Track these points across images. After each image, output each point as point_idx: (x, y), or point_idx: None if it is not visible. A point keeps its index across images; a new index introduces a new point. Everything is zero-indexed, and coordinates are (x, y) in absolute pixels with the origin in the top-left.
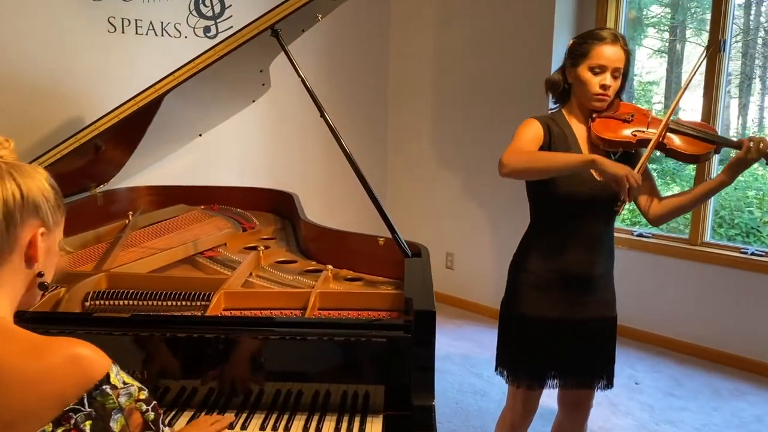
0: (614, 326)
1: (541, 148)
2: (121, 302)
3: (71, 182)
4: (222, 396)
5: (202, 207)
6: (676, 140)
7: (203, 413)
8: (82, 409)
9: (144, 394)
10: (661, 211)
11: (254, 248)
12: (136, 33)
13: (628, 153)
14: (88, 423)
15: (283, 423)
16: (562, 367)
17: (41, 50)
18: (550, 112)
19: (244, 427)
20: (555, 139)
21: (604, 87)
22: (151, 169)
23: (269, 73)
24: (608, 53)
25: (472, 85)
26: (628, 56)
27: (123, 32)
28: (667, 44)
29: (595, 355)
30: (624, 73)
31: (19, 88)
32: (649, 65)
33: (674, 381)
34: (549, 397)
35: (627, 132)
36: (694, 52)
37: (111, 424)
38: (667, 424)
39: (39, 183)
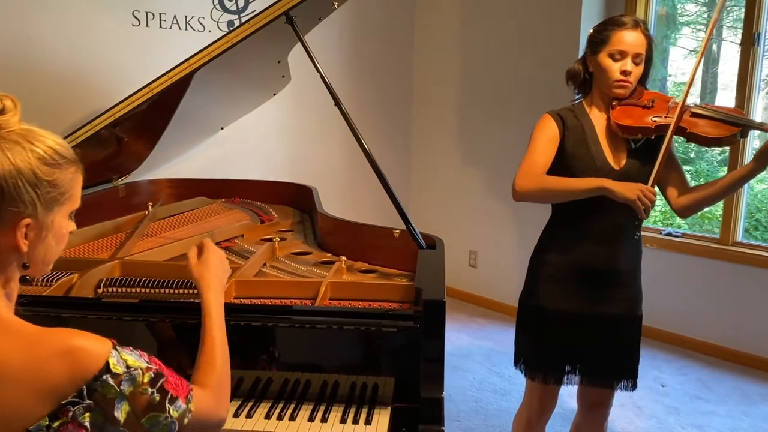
0: (638, 326)
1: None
2: (134, 289)
3: (94, 174)
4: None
5: (223, 200)
6: (697, 124)
7: None
8: (81, 401)
9: (149, 376)
10: (688, 202)
11: (270, 240)
12: (160, 27)
13: (649, 140)
14: (87, 415)
15: (289, 412)
16: (581, 364)
17: (65, 43)
18: (571, 103)
19: (249, 415)
20: (570, 131)
21: (625, 73)
22: (174, 163)
23: (288, 65)
24: (628, 38)
25: (498, 81)
26: (651, 42)
27: (147, 26)
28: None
29: (615, 354)
30: (647, 60)
31: (43, 81)
32: (684, 66)
33: (702, 384)
34: (570, 397)
35: (646, 118)
36: (730, 51)
37: (115, 414)
38: (693, 428)
39: (27, 166)
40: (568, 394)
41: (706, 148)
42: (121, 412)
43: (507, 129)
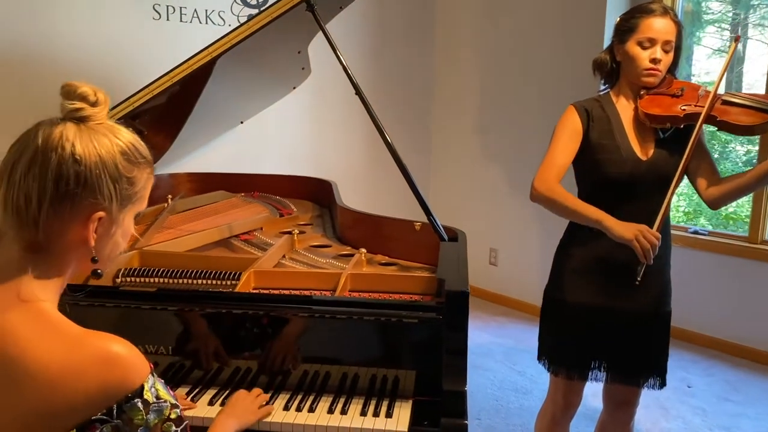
0: (667, 322)
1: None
2: (152, 279)
3: None
4: (247, 375)
5: (242, 194)
6: (728, 112)
7: (227, 392)
8: (110, 419)
9: (175, 413)
10: (719, 192)
11: (290, 233)
12: (181, 20)
13: (678, 130)
14: None
15: (308, 404)
16: (606, 360)
17: (86, 36)
18: (598, 93)
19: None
20: (595, 122)
21: (654, 61)
22: (194, 157)
23: (308, 56)
24: (658, 25)
25: (520, 76)
26: (680, 29)
27: (168, 19)
28: (727, 43)
29: (643, 350)
30: (676, 48)
31: (63, 74)
32: (708, 65)
33: (730, 385)
34: (594, 396)
35: (675, 107)
36: (756, 51)
37: None
38: (721, 430)
39: (111, 161)
40: (592, 394)
41: (730, 148)
42: None
43: (529, 124)
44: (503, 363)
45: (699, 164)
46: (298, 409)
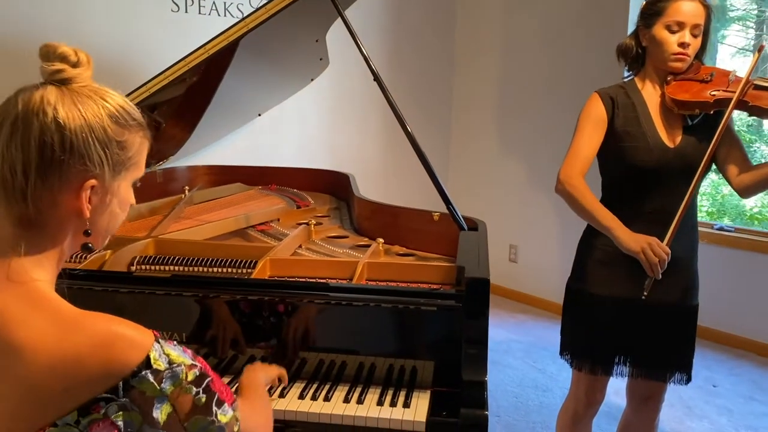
0: (694, 316)
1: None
2: (168, 267)
3: None
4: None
5: (260, 187)
6: (761, 96)
7: None
8: (115, 398)
9: (194, 374)
10: (751, 180)
11: (306, 224)
12: (199, 13)
13: (707, 116)
14: (120, 414)
15: (323, 393)
16: (631, 355)
17: (104, 28)
18: (623, 80)
19: (282, 395)
20: (620, 110)
21: (683, 45)
22: (212, 149)
23: (326, 46)
24: (686, 8)
25: (541, 69)
26: (709, 13)
27: (186, 12)
28: (752, 41)
29: (669, 344)
30: (705, 32)
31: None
32: (732, 64)
33: (756, 385)
34: (616, 395)
35: (705, 92)
36: None
37: (154, 414)
38: (748, 430)
39: (99, 123)
40: (614, 392)
41: (755, 148)
42: (161, 413)
43: (550, 115)
44: (523, 360)
45: (729, 151)
46: (314, 398)
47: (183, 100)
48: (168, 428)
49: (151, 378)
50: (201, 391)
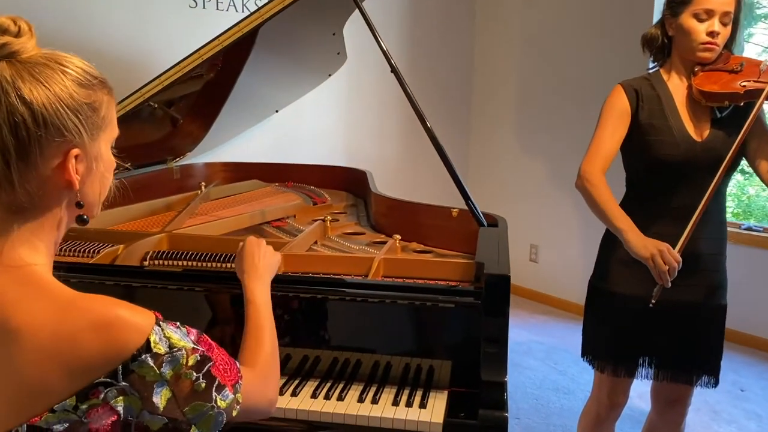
0: (722, 316)
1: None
2: (181, 263)
3: (149, 154)
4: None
5: (276, 184)
6: None
7: None
8: (114, 382)
9: (194, 359)
10: None
11: (322, 221)
12: (217, 9)
13: (737, 108)
14: (120, 399)
15: (337, 392)
16: (656, 356)
17: (122, 24)
18: (647, 71)
19: (294, 393)
20: (645, 102)
21: (712, 34)
22: (229, 146)
23: (344, 40)
24: None
25: (562, 63)
26: (739, 1)
27: (204, 7)
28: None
29: (696, 346)
30: (735, 21)
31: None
32: None
33: None
34: (640, 398)
35: (734, 83)
36: None
37: (154, 399)
38: None
39: (64, 91)
40: (638, 396)
41: None
42: (160, 398)
43: (573, 112)
44: (544, 362)
45: (759, 144)
46: (327, 397)
47: (200, 96)
48: (167, 413)
49: (151, 362)
50: (201, 377)
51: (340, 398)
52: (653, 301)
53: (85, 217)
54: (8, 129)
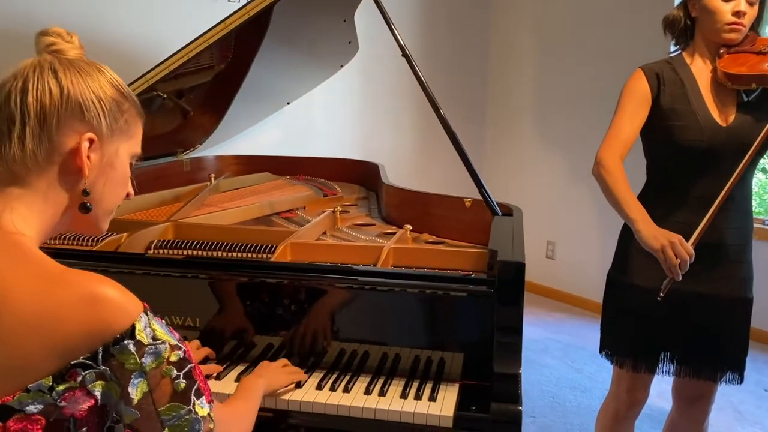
0: (748, 310)
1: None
2: (186, 252)
3: (159, 146)
4: (280, 352)
5: (287, 177)
6: None
7: None
8: (93, 365)
9: (177, 355)
10: None
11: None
12: (228, 0)
13: (765, 91)
14: (99, 384)
15: (343, 384)
16: (678, 351)
17: (136, 16)
18: (669, 55)
19: (299, 385)
20: (667, 86)
21: (738, 14)
22: (242, 140)
23: (355, 29)
24: None
25: (580, 55)
26: None
27: None
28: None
29: (720, 340)
30: (762, 0)
31: (113, 54)
32: None
33: None
34: (659, 397)
35: (763, 65)
36: None
37: (129, 390)
38: None
39: (95, 83)
40: (658, 395)
41: None
42: (136, 390)
43: (591, 103)
44: (561, 360)
45: None
46: (332, 389)
47: (211, 88)
48: (140, 410)
49: (132, 349)
50: (182, 376)
51: (347, 390)
52: (661, 294)
53: (88, 204)
54: (34, 96)
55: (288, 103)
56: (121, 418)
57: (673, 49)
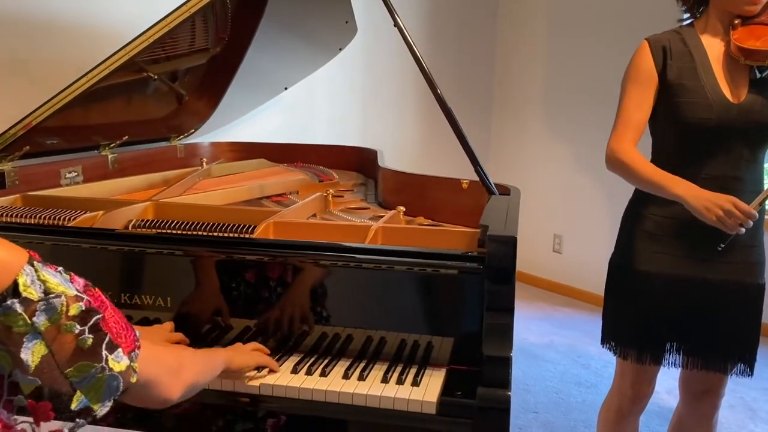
0: (760, 296)
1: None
2: (166, 231)
3: (153, 130)
4: (258, 336)
5: (285, 164)
6: None
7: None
8: None
9: (77, 308)
10: None
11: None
12: None
13: None
14: None
15: (320, 368)
16: (685, 342)
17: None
18: (678, 25)
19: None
20: (674, 60)
21: None
22: (239, 127)
23: (352, 8)
24: None
25: (590, 43)
26: None
27: None
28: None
29: (730, 329)
30: None
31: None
32: None
33: None
34: (668, 393)
35: None
36: None
37: (23, 356)
38: None
39: None
40: (666, 391)
41: None
42: (31, 355)
43: (600, 94)
44: (566, 355)
45: None
46: (309, 373)
47: (207, 72)
48: (41, 375)
49: (19, 309)
50: (87, 330)
51: (324, 374)
52: (722, 245)
53: None
54: None
55: (286, 89)
56: (20, 390)
57: (685, 17)
